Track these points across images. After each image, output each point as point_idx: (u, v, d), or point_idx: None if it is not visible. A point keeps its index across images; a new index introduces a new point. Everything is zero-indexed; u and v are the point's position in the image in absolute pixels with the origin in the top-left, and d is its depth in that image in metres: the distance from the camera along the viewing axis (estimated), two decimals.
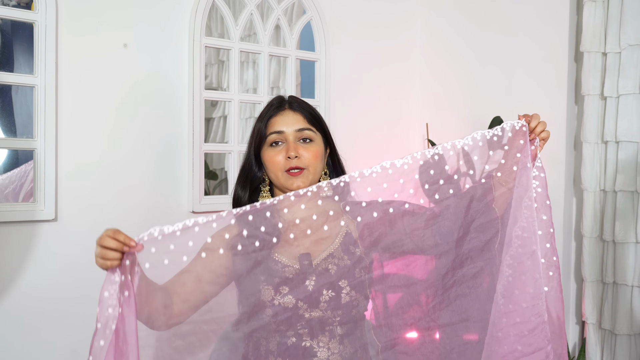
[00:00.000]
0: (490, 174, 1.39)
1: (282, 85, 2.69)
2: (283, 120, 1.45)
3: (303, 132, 1.44)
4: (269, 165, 1.45)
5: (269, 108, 1.48)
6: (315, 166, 1.44)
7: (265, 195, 1.50)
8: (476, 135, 1.35)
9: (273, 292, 1.36)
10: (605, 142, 2.27)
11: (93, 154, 2.12)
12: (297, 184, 1.42)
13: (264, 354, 1.41)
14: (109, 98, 2.15)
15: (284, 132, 1.44)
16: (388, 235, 1.36)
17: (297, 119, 1.45)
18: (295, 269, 1.39)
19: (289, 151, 1.42)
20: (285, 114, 1.46)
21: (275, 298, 1.36)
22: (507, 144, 1.38)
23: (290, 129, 1.44)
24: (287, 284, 1.37)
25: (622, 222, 2.21)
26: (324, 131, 1.50)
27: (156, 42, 2.25)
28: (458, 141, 1.34)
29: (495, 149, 1.38)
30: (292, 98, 1.51)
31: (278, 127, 1.44)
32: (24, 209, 1.97)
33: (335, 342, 1.34)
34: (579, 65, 2.43)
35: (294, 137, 1.44)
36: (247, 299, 1.38)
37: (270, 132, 1.44)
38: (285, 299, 1.36)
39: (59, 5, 2.02)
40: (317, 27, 2.66)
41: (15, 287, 1.97)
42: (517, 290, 1.32)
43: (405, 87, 3.04)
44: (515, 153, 1.37)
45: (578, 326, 2.49)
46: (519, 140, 1.36)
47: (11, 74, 1.97)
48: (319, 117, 1.51)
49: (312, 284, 1.36)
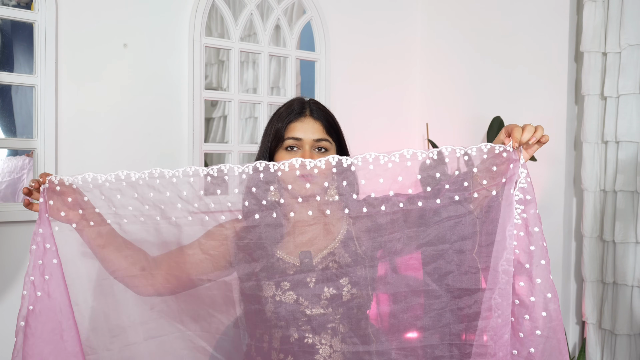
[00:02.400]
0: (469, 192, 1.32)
1: (282, 85, 2.70)
2: (302, 127, 1.47)
3: (320, 142, 1.48)
4: None
5: (290, 111, 1.50)
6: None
7: (274, 193, 1.51)
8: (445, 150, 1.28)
9: (274, 287, 1.37)
10: (605, 142, 2.27)
11: (93, 154, 2.12)
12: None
13: (267, 349, 1.42)
14: (108, 98, 2.15)
15: (302, 139, 1.47)
16: (385, 234, 1.36)
17: (316, 128, 1.48)
18: (295, 265, 1.40)
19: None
20: (305, 121, 1.48)
21: (277, 294, 1.37)
22: (479, 167, 1.30)
23: (309, 137, 1.47)
24: (288, 280, 1.39)
25: (622, 222, 2.21)
26: (339, 140, 1.54)
27: (156, 42, 2.25)
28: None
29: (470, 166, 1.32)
30: (313, 104, 1.53)
31: (297, 133, 1.47)
32: (24, 209, 1.96)
33: (337, 339, 1.35)
34: (579, 65, 2.43)
35: (311, 145, 1.47)
36: (249, 294, 1.39)
37: (289, 137, 1.47)
38: (286, 295, 1.37)
39: (59, 5, 2.02)
40: (317, 27, 2.66)
41: (16, 287, 1.97)
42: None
43: (405, 87, 3.04)
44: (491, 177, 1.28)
45: (578, 326, 2.49)
46: (494, 165, 1.27)
47: (11, 74, 1.97)
48: (337, 126, 1.54)
49: (313, 281, 1.37)
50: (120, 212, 1.34)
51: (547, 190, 2.50)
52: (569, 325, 2.47)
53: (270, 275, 1.39)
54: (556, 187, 2.47)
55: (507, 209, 1.23)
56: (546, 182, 2.50)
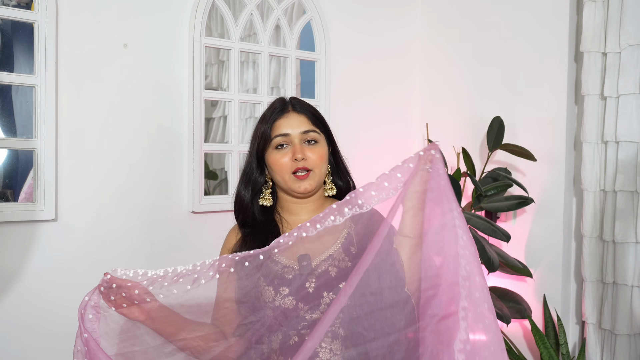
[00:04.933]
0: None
1: (282, 85, 2.69)
2: (288, 123, 1.45)
3: (308, 134, 1.45)
4: (275, 168, 1.45)
5: (273, 111, 1.48)
6: (320, 167, 1.46)
7: (267, 197, 1.51)
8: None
9: (273, 292, 1.36)
10: (605, 142, 2.27)
11: (93, 154, 2.12)
12: (304, 187, 1.43)
13: (267, 352, 1.41)
14: (109, 98, 2.15)
15: (289, 134, 1.44)
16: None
17: (301, 121, 1.46)
18: (294, 269, 1.39)
19: (296, 153, 1.42)
20: (289, 117, 1.46)
21: (276, 299, 1.36)
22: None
23: (296, 131, 1.44)
24: (286, 285, 1.37)
25: (622, 222, 2.21)
26: (327, 131, 1.51)
27: (156, 42, 2.25)
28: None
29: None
30: (294, 100, 1.51)
31: (283, 129, 1.44)
32: (24, 209, 1.97)
33: (337, 343, 1.34)
34: (579, 65, 2.43)
35: (300, 139, 1.44)
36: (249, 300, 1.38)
37: (276, 135, 1.44)
38: (285, 300, 1.36)
39: (59, 5, 2.02)
40: (317, 27, 2.66)
41: (15, 287, 1.97)
42: None
43: (405, 87, 3.04)
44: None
45: (578, 326, 2.49)
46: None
47: (11, 74, 1.97)
48: (322, 118, 1.51)
49: (312, 286, 1.36)
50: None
51: (547, 190, 2.50)
52: (569, 325, 2.47)
53: (269, 280, 1.39)
54: (556, 187, 2.47)
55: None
56: (546, 182, 2.50)
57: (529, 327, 2.48)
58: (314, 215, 1.40)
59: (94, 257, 2.11)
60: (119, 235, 2.16)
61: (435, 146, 1.29)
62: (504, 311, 2.27)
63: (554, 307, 2.43)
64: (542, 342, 2.27)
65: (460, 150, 2.60)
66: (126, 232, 2.18)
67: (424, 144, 2.98)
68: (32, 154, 2.00)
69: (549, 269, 2.48)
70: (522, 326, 2.56)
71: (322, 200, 1.53)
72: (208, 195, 2.44)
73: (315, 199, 1.51)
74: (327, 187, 1.52)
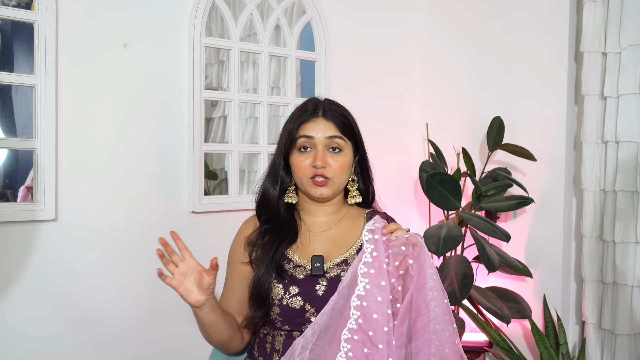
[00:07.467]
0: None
1: (282, 85, 2.69)
2: (315, 127, 1.45)
3: (333, 140, 1.44)
4: (295, 170, 1.46)
5: (303, 112, 1.48)
6: (340, 177, 1.45)
7: (292, 194, 1.52)
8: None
9: (282, 290, 1.37)
10: (605, 142, 2.27)
11: (93, 154, 2.12)
12: (320, 192, 1.43)
13: (270, 352, 1.41)
14: (109, 98, 2.15)
15: (313, 137, 1.44)
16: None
17: (329, 127, 1.45)
18: (306, 269, 1.39)
19: (317, 160, 1.42)
20: (318, 121, 1.46)
21: (284, 297, 1.37)
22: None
23: (321, 135, 1.44)
24: (297, 285, 1.38)
25: (622, 222, 2.21)
26: (355, 139, 1.50)
27: (156, 42, 2.25)
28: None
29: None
30: (327, 105, 1.50)
31: (309, 131, 1.44)
32: (23, 209, 1.97)
33: None
34: (579, 65, 2.43)
35: (324, 144, 1.44)
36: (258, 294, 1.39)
37: (300, 135, 1.44)
38: (293, 300, 1.36)
39: (59, 5, 2.02)
40: (317, 27, 2.66)
41: (15, 287, 1.97)
42: None
43: (405, 87, 3.04)
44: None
45: (578, 326, 2.49)
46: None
47: (11, 74, 1.97)
48: (352, 125, 1.50)
49: (323, 289, 1.37)
50: None
51: (547, 190, 2.50)
52: (569, 325, 2.47)
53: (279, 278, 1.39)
54: (556, 187, 2.47)
55: None
56: (546, 182, 2.50)
57: (529, 327, 2.48)
58: (330, 217, 1.47)
59: (94, 257, 2.11)
60: (119, 235, 2.16)
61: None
62: (504, 311, 2.27)
63: (554, 307, 2.43)
64: (542, 342, 2.27)
65: (460, 150, 2.60)
66: (126, 232, 2.18)
67: (424, 144, 2.98)
68: (32, 154, 2.00)
69: (549, 269, 2.48)
70: (522, 326, 2.56)
71: (341, 204, 1.53)
72: (208, 195, 2.44)
73: (334, 203, 1.51)
74: (352, 195, 1.51)
